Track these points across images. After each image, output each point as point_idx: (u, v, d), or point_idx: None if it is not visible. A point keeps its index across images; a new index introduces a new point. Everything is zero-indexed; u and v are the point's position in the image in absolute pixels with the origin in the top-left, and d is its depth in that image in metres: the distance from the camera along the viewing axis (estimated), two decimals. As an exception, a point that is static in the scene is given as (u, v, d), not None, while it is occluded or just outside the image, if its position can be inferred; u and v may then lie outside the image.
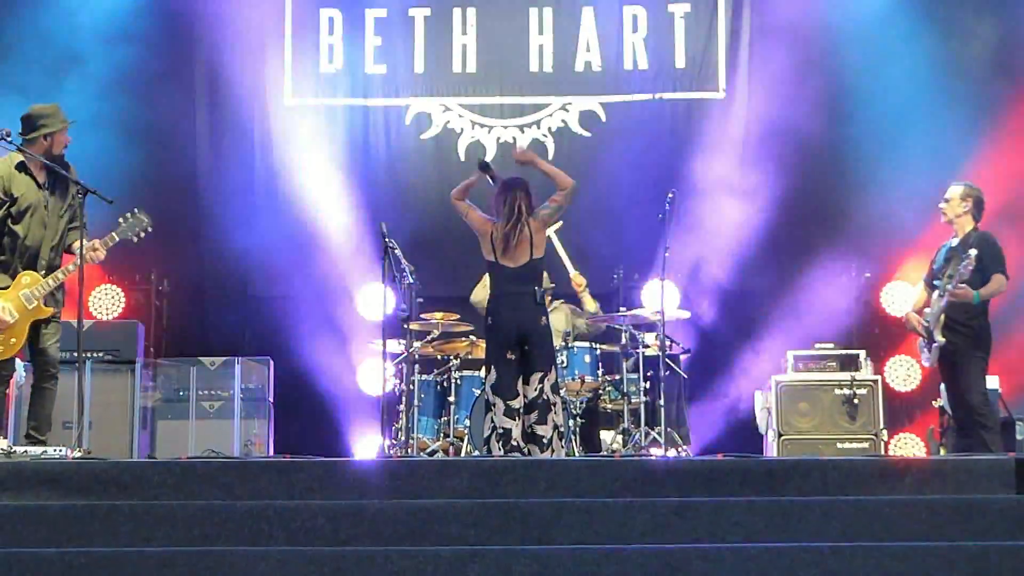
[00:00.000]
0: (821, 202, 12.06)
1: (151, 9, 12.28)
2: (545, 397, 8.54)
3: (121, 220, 8.29)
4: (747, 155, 12.43)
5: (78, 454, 7.61)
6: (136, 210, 8.35)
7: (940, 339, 8.75)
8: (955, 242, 8.97)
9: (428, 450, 10.09)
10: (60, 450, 7.64)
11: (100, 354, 10.46)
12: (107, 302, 11.65)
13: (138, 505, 6.18)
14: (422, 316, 10.30)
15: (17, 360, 8.20)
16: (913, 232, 11.40)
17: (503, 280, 8.68)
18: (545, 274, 10.22)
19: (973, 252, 8.61)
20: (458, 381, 10.24)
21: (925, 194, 11.34)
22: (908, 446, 11.23)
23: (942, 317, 8.79)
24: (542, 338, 8.63)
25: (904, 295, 11.33)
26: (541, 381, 8.55)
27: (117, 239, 8.27)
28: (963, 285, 8.66)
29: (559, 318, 10.74)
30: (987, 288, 8.76)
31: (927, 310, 8.95)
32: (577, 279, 10.85)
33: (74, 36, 11.93)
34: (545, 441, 8.49)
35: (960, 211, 9.00)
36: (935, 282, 8.96)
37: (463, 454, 9.76)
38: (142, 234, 8.39)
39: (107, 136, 11.57)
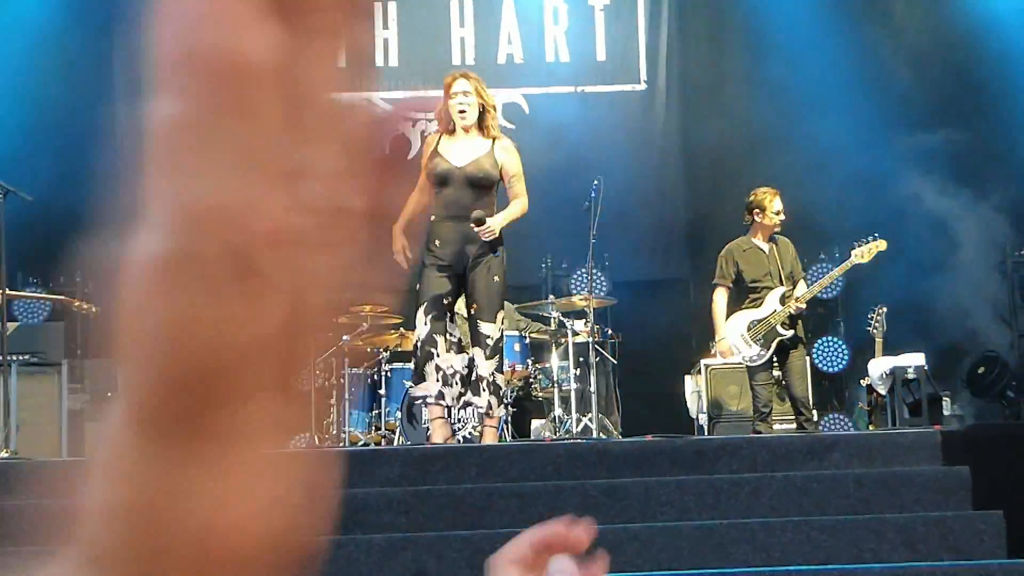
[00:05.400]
0: (743, 189, 12.13)
1: (68, 4, 12.18)
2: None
3: None
4: (668, 145, 12.54)
5: (5, 454, 7.54)
6: None
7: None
8: None
9: (360, 443, 10.07)
10: (-14, 452, 7.59)
11: (26, 356, 10.36)
12: (32, 305, 11.52)
13: (67, 504, 6.13)
14: (350, 308, 10.26)
15: None
16: (837, 216, 11.53)
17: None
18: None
19: None
20: (388, 374, 10.21)
21: (848, 180, 11.57)
22: (837, 426, 11.33)
23: None
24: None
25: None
26: None
27: None
28: None
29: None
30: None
31: None
32: None
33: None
34: None
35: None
36: None
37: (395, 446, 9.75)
38: None
39: (28, 137, 11.50)
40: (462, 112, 7.87)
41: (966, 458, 6.40)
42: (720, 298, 9.58)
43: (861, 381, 10.21)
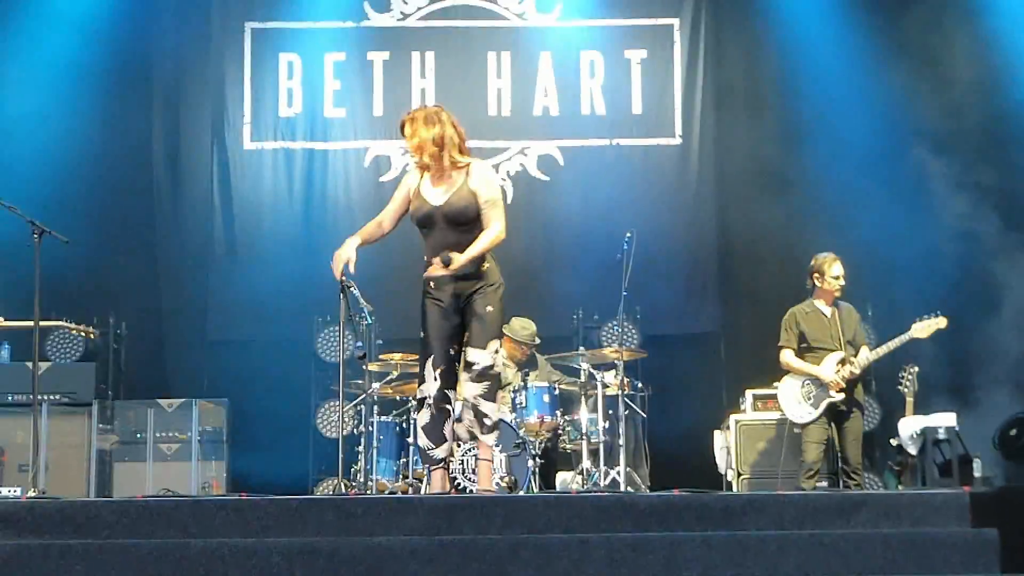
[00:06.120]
0: (776, 245, 12.11)
1: (109, 52, 12.29)
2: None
3: None
4: (701, 199, 12.57)
5: (33, 494, 7.56)
6: None
7: None
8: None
9: (387, 491, 10.05)
10: (14, 491, 7.60)
11: (57, 396, 10.41)
12: (65, 345, 11.57)
13: (92, 544, 6.13)
14: (380, 357, 10.27)
15: None
16: (875, 273, 11.47)
17: None
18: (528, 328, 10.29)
19: None
20: (417, 422, 10.17)
21: (884, 236, 11.51)
22: (867, 485, 11.25)
23: None
24: None
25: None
26: None
27: None
28: None
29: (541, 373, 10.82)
30: None
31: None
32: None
33: (32, 80, 11.97)
34: None
35: None
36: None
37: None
38: None
39: (66, 179, 11.61)
40: (415, 160, 7.75)
41: (995, 520, 6.34)
42: (789, 354, 9.81)
43: (891, 441, 10.16)
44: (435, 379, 7.67)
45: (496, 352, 7.64)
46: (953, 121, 12.07)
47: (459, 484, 9.30)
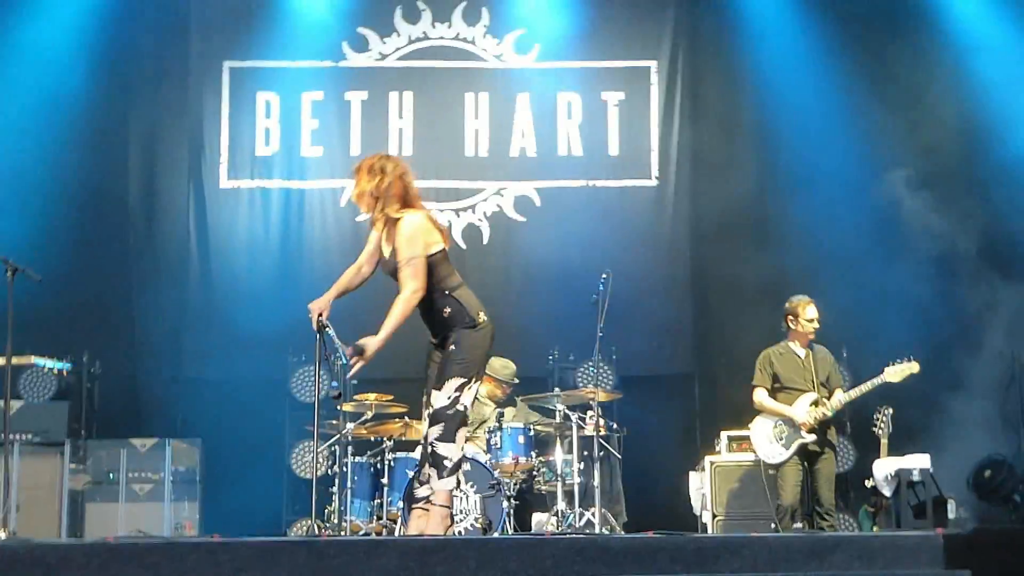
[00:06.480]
0: (751, 287, 12.13)
1: (86, 88, 12.28)
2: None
3: None
4: (676, 241, 12.60)
5: (2, 535, 7.50)
6: None
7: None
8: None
9: (361, 532, 10.00)
10: (-15, 531, 7.55)
11: (29, 435, 10.33)
12: (38, 383, 11.51)
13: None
14: (355, 397, 10.23)
15: None
16: (848, 315, 11.49)
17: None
18: (509, 367, 10.26)
19: None
20: (391, 463, 10.14)
21: (860, 279, 11.54)
22: (841, 527, 11.24)
23: None
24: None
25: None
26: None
27: None
28: None
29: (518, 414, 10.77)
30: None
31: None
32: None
33: (7, 116, 11.95)
34: None
35: None
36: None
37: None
38: None
39: (39, 214, 11.55)
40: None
41: (968, 562, 6.33)
42: (763, 394, 9.91)
43: (865, 482, 10.15)
44: (425, 418, 7.64)
45: (457, 391, 7.48)
46: (930, 161, 12.12)
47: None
